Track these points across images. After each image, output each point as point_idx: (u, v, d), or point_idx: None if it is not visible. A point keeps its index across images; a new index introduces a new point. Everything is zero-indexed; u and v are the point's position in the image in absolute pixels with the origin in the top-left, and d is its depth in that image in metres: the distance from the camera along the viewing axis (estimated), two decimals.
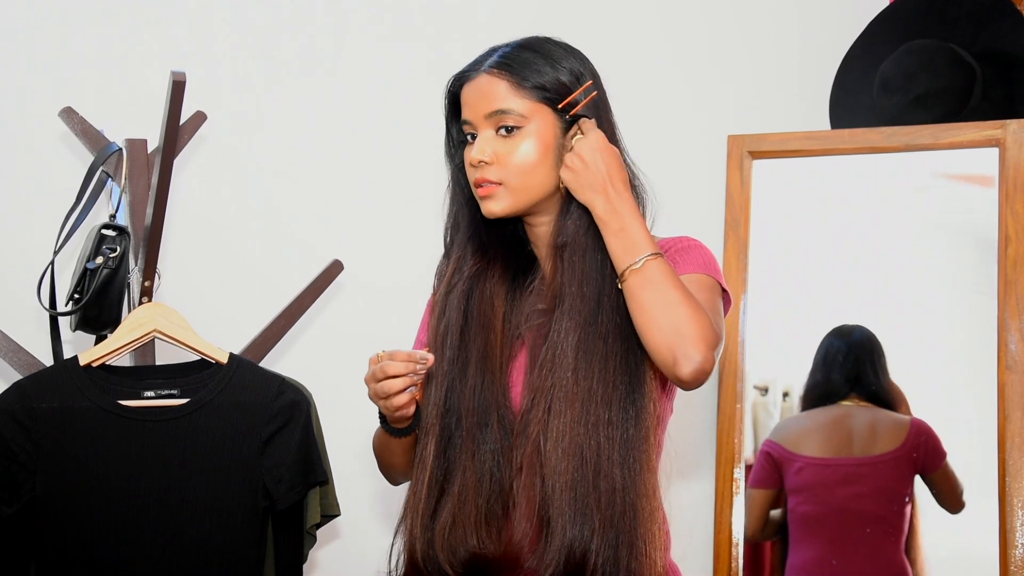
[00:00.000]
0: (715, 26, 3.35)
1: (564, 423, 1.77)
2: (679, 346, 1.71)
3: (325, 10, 3.05)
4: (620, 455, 1.77)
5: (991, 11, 3.13)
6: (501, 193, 1.84)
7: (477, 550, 1.82)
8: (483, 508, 1.82)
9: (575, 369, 1.79)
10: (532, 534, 1.79)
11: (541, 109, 1.83)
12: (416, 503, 1.87)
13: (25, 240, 2.74)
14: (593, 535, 1.75)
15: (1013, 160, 2.94)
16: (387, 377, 1.77)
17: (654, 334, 1.73)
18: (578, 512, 1.76)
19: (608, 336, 1.79)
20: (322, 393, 2.35)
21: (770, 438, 3.10)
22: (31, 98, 2.80)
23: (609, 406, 1.78)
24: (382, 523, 2.99)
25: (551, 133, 1.83)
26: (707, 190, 3.23)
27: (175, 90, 2.15)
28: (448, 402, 1.87)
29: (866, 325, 3.12)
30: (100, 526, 2.15)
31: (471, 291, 1.90)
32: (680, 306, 1.73)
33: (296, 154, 3.01)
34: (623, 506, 1.76)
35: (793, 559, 3.07)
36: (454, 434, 1.86)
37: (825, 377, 3.09)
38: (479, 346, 1.87)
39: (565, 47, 1.89)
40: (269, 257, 2.96)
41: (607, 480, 1.76)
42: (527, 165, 1.82)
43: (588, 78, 1.86)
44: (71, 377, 2.19)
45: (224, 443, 2.19)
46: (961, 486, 2.96)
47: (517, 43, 1.89)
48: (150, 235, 2.27)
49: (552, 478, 1.77)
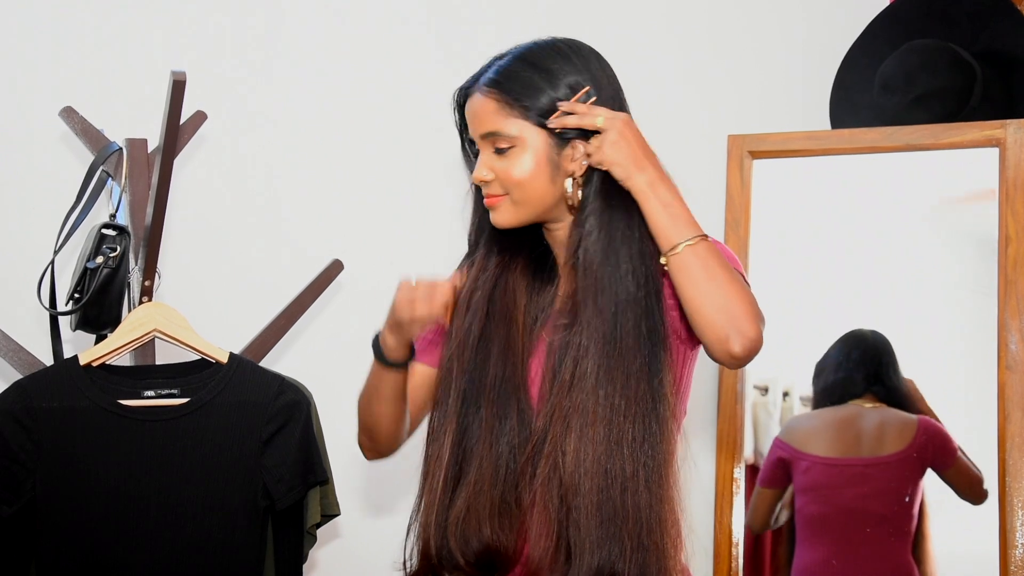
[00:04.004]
0: (716, 26, 3.35)
1: (586, 443, 1.77)
2: (731, 321, 1.72)
3: (325, 10, 3.05)
4: (645, 473, 1.77)
5: (991, 11, 3.13)
6: (507, 205, 1.86)
7: (491, 541, 1.82)
8: (498, 500, 1.82)
9: (595, 388, 1.78)
10: (550, 555, 1.79)
11: (531, 128, 1.83)
12: (432, 496, 1.87)
13: (25, 240, 2.74)
14: (622, 555, 1.75)
15: (1013, 160, 2.94)
16: (420, 301, 1.79)
17: (707, 309, 1.72)
18: (606, 534, 1.75)
19: (628, 352, 1.78)
20: (322, 393, 2.35)
21: (780, 437, 3.10)
22: (31, 98, 2.80)
23: (633, 423, 1.77)
24: (382, 523, 2.99)
25: (544, 151, 1.83)
26: (707, 190, 3.22)
27: (175, 90, 2.15)
28: (467, 393, 1.87)
29: (866, 325, 3.12)
30: (100, 526, 2.15)
31: (495, 286, 1.91)
32: (731, 284, 1.73)
33: (296, 154, 3.01)
34: (650, 524, 1.76)
35: (799, 560, 3.07)
36: (472, 425, 1.86)
37: (847, 376, 3.08)
38: (501, 337, 1.88)
39: (567, 54, 1.85)
40: (269, 257, 2.96)
41: (634, 498, 1.76)
42: (524, 180, 1.83)
43: (586, 85, 1.84)
44: (71, 377, 2.19)
45: (224, 443, 2.19)
46: (979, 475, 2.94)
47: (518, 53, 1.86)
48: (150, 235, 2.27)
49: (576, 499, 1.76)
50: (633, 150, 1.77)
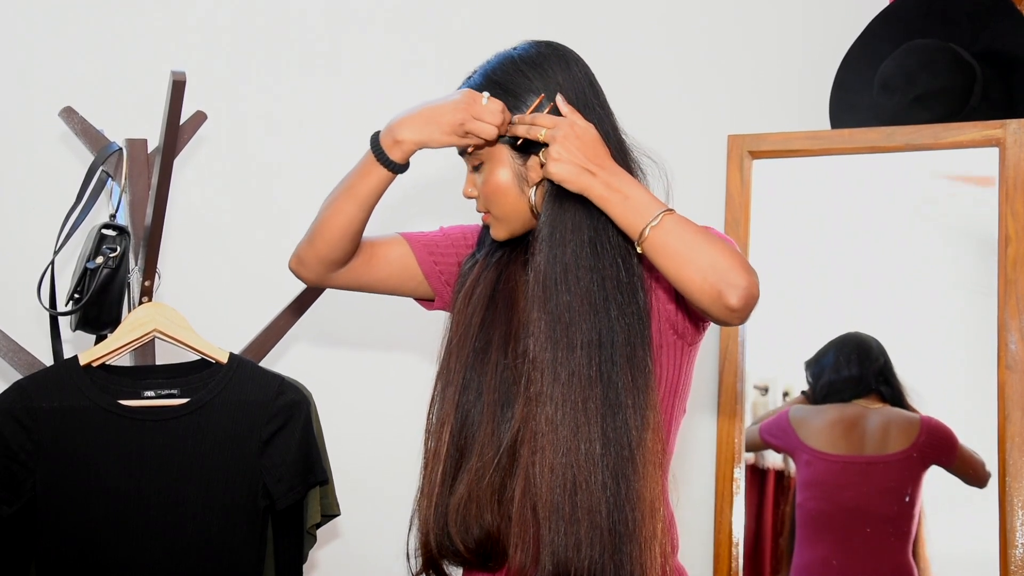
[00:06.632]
0: (715, 26, 3.35)
1: (551, 455, 1.77)
2: (720, 278, 1.71)
3: (325, 9, 3.05)
4: (611, 470, 1.77)
5: (991, 11, 3.13)
6: (494, 221, 1.91)
7: (492, 528, 1.83)
8: (498, 485, 1.83)
9: (550, 397, 1.78)
10: (529, 559, 1.80)
11: (497, 145, 1.86)
12: (431, 488, 1.88)
13: (25, 240, 2.74)
14: (579, 552, 1.75)
15: (1013, 160, 2.94)
16: (488, 113, 1.80)
17: (692, 275, 1.72)
18: (571, 538, 1.76)
19: (578, 360, 1.79)
20: (322, 393, 2.35)
21: (789, 420, 3.11)
22: (31, 98, 2.80)
23: (589, 427, 1.77)
24: (382, 523, 2.98)
25: (510, 164, 1.86)
26: (707, 190, 3.23)
27: (175, 90, 2.15)
28: (468, 382, 1.88)
29: (866, 325, 3.13)
30: (100, 526, 2.15)
31: (498, 278, 1.93)
32: (709, 245, 1.73)
33: (296, 154, 3.01)
34: (624, 526, 1.76)
35: (799, 558, 3.07)
36: (472, 411, 1.87)
37: (850, 374, 3.08)
38: (502, 325, 1.89)
39: (531, 67, 1.86)
40: (269, 257, 2.95)
41: (585, 498, 1.76)
42: (497, 196, 1.87)
43: (540, 93, 1.84)
44: (71, 377, 2.19)
45: (224, 443, 2.19)
46: (981, 461, 2.95)
47: (486, 71, 1.88)
48: (150, 235, 2.27)
49: (539, 503, 1.78)
50: (577, 158, 1.77)
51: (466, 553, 1.85)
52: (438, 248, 2.02)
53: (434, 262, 2.01)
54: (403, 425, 2.19)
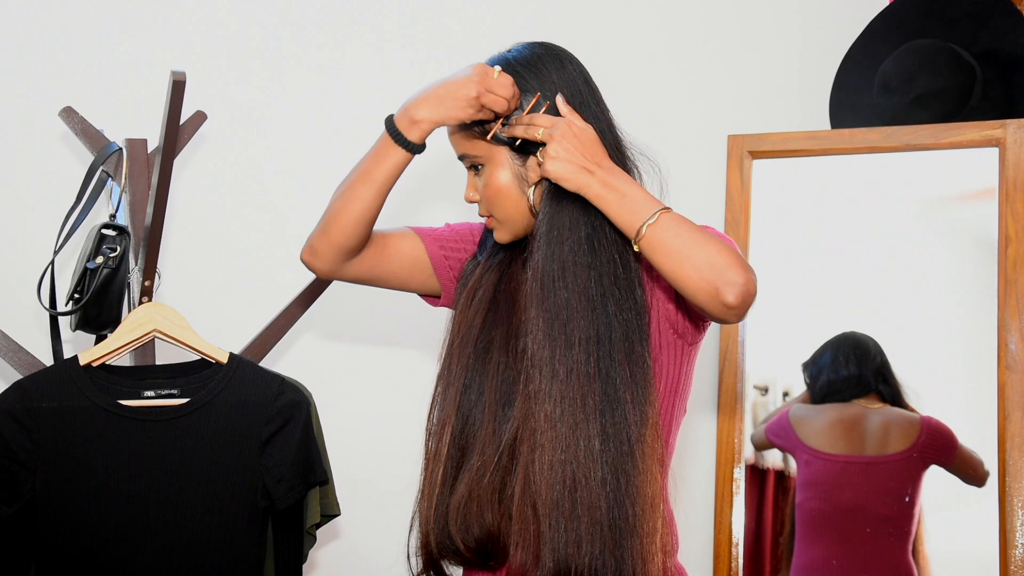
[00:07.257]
0: (715, 26, 3.35)
1: (548, 451, 1.77)
2: (717, 275, 1.71)
3: (325, 10, 3.05)
4: (610, 466, 1.77)
5: (991, 11, 3.13)
6: (496, 224, 1.91)
7: (492, 527, 1.83)
8: (499, 484, 1.83)
9: (548, 396, 1.78)
10: (530, 559, 1.80)
11: (494, 147, 1.86)
12: (431, 488, 1.88)
13: (25, 240, 2.74)
14: (580, 548, 1.75)
15: (1013, 160, 2.94)
16: (499, 87, 1.80)
17: (689, 273, 1.72)
18: (570, 536, 1.76)
19: (576, 358, 1.79)
20: (322, 393, 2.35)
21: (790, 418, 3.11)
22: (31, 98, 2.80)
23: (587, 424, 1.77)
24: (382, 523, 2.98)
25: (509, 166, 1.87)
26: (707, 190, 3.23)
27: (175, 90, 2.15)
28: (469, 382, 1.88)
29: (866, 325, 3.12)
30: (100, 525, 2.15)
31: (500, 279, 1.94)
32: (706, 243, 1.73)
33: (296, 153, 3.01)
34: (624, 524, 1.76)
35: (799, 558, 3.07)
36: (474, 410, 1.87)
37: (850, 374, 3.09)
38: (504, 324, 1.89)
39: (527, 68, 1.86)
40: (269, 257, 2.96)
41: (584, 494, 1.76)
42: (499, 198, 1.88)
43: (536, 93, 1.84)
44: (71, 377, 2.19)
45: (224, 443, 2.19)
46: (979, 460, 2.95)
47: None
48: (150, 235, 2.27)
49: (539, 502, 1.78)
50: (575, 157, 1.78)
51: (466, 552, 1.85)
52: (447, 243, 2.03)
53: (444, 256, 2.01)
54: (403, 425, 2.19)
